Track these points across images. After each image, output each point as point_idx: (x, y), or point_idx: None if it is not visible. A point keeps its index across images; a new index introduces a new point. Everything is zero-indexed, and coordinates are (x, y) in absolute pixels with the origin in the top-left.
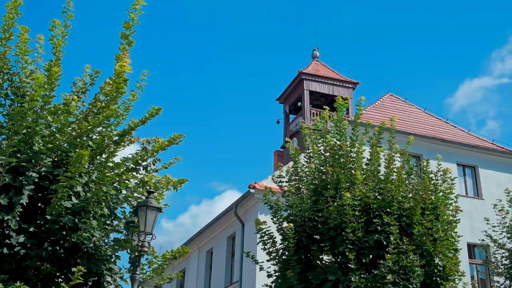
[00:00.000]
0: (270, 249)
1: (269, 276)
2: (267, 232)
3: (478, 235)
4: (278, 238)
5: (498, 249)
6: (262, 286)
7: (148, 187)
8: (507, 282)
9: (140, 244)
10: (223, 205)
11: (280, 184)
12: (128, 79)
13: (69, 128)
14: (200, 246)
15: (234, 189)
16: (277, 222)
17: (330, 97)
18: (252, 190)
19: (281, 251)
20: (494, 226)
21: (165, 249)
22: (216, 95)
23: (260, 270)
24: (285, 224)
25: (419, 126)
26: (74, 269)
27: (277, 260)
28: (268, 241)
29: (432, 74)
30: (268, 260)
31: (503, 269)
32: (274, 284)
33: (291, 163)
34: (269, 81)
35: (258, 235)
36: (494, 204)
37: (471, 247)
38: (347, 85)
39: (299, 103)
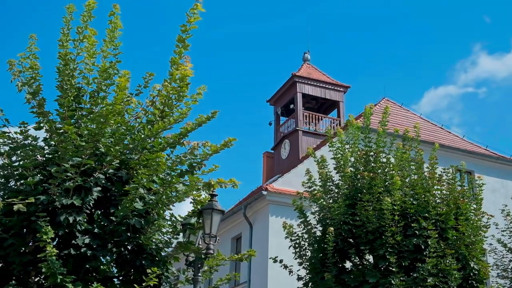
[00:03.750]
0: (301, 252)
1: (299, 279)
2: (299, 235)
3: None
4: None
5: (508, 253)
6: None
7: (213, 190)
8: None
9: (205, 246)
10: (190, 206)
11: (309, 190)
12: (189, 83)
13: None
14: None
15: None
16: (304, 226)
17: (321, 100)
18: (264, 192)
19: (313, 254)
20: (504, 231)
21: None
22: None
23: (290, 275)
24: (313, 227)
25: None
26: (148, 270)
27: (307, 264)
28: (298, 245)
29: (401, 79)
30: (299, 264)
31: (510, 272)
32: (305, 287)
33: (301, 165)
34: (255, 82)
35: (269, 237)
36: (502, 210)
37: None
38: (338, 88)
39: (291, 106)
